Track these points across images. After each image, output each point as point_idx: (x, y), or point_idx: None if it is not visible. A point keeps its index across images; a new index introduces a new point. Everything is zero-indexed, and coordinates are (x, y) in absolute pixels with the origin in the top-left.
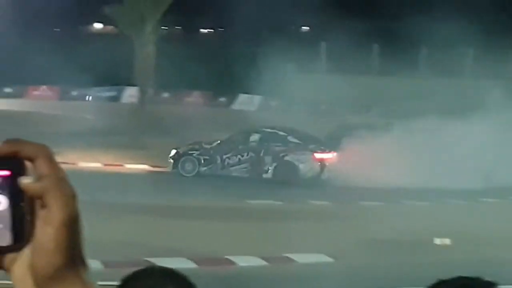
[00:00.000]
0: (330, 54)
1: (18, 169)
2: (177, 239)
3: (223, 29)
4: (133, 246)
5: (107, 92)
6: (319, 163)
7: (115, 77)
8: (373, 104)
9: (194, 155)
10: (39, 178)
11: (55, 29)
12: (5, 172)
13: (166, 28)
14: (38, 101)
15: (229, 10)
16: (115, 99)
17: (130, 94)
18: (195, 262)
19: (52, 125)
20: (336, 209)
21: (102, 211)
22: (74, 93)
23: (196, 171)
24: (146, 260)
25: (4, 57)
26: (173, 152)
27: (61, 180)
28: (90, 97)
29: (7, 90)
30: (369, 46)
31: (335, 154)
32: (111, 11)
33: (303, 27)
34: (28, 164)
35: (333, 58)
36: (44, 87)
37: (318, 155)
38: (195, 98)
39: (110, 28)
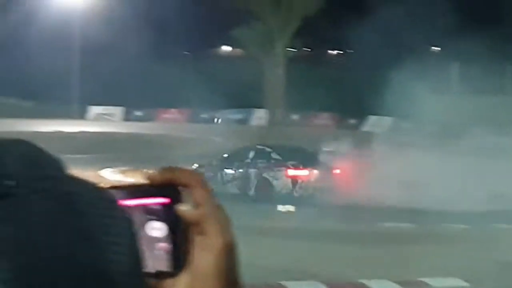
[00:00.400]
0: (462, 74)
1: (174, 196)
2: (309, 263)
3: (352, 50)
4: (267, 269)
5: (235, 115)
6: (290, 180)
7: (243, 99)
8: (506, 124)
9: (203, 171)
10: (195, 205)
11: (184, 52)
12: (163, 200)
13: (295, 49)
14: (168, 124)
15: (357, 31)
16: (244, 121)
17: (259, 116)
18: (329, 286)
19: (181, 148)
20: (468, 232)
21: (236, 234)
22: (204, 115)
23: None
24: (280, 284)
25: (134, 81)
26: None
27: (217, 207)
28: (219, 120)
29: (138, 113)
30: (501, 65)
31: (314, 171)
32: (239, 34)
33: (433, 47)
34: (184, 191)
35: (465, 78)
36: (174, 110)
37: (290, 172)
38: (324, 120)
39: (238, 50)
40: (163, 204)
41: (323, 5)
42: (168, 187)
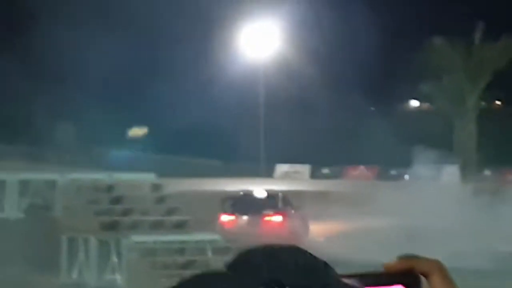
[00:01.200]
0: None
1: (412, 284)
2: None
3: None
4: None
5: (425, 171)
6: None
7: (433, 155)
8: None
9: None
10: None
11: (371, 108)
12: (400, 287)
13: (485, 103)
14: (356, 181)
15: None
16: (434, 177)
17: (449, 172)
18: None
19: (367, 205)
20: None
21: None
22: (393, 172)
23: None
24: None
25: (320, 138)
26: None
27: None
28: (408, 176)
29: (325, 171)
30: None
31: (243, 217)
32: (428, 89)
33: None
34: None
35: None
36: (362, 167)
37: (223, 217)
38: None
39: (426, 105)
40: None
41: None
42: (405, 274)
